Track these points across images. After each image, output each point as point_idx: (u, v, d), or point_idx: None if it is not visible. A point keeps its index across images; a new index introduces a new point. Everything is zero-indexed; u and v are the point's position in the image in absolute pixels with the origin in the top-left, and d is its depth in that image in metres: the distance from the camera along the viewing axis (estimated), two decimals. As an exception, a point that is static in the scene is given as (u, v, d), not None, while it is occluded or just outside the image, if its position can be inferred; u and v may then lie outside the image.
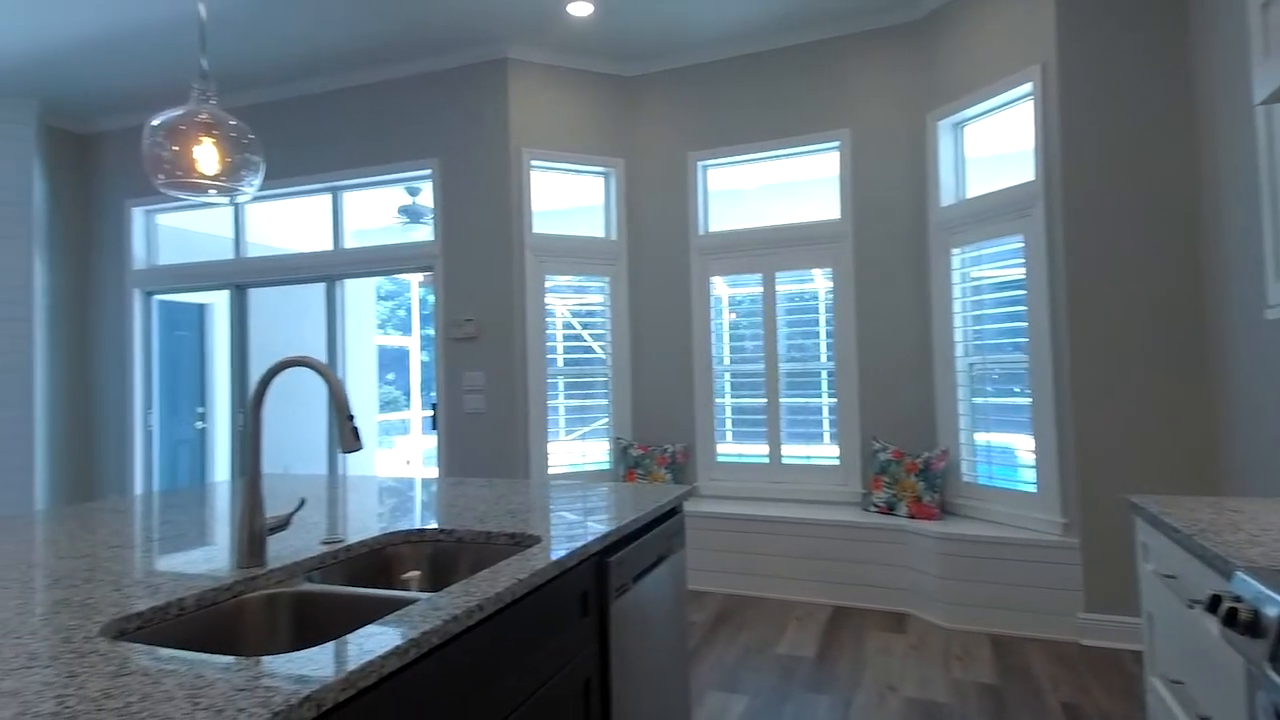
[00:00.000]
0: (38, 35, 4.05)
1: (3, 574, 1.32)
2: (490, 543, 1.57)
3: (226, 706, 0.76)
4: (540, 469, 4.19)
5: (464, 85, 4.33)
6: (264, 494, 1.32)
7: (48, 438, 5.02)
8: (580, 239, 4.40)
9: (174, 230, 5.57)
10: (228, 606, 1.21)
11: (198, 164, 2.19)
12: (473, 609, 1.09)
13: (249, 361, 5.19)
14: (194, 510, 1.94)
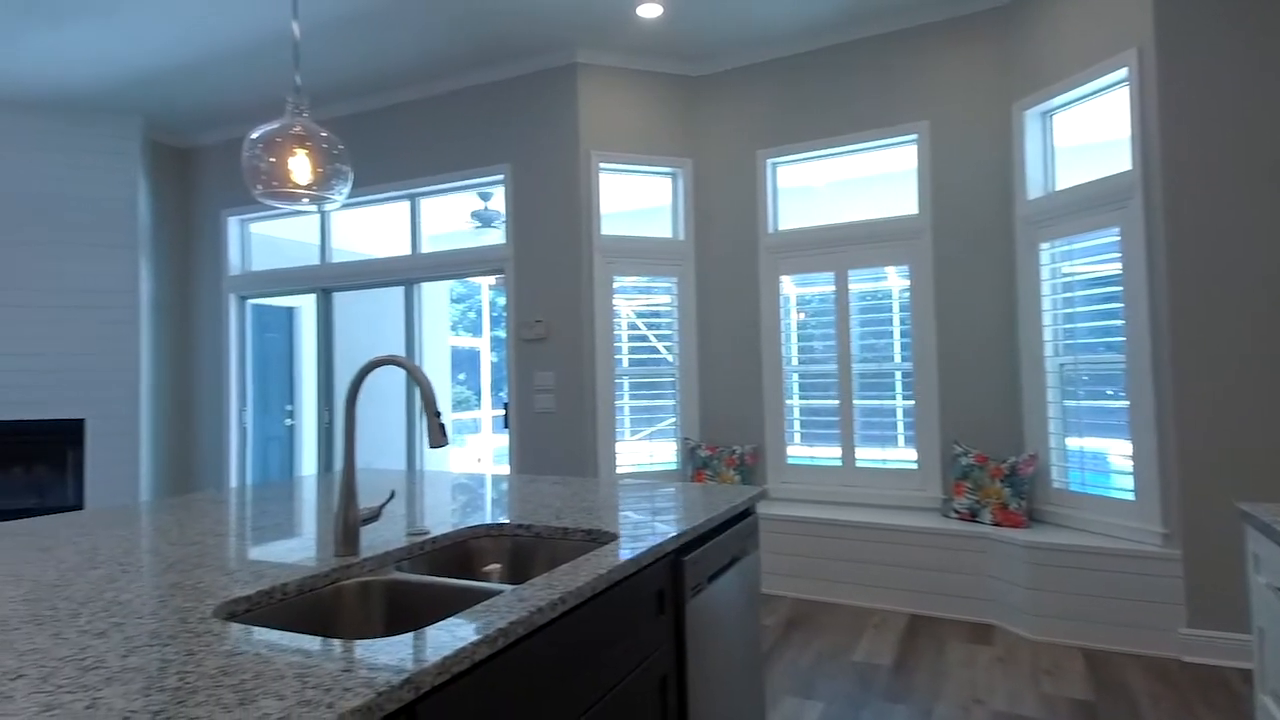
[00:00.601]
0: (143, 56, 4.36)
1: (124, 559, 1.43)
2: (567, 538, 1.59)
3: (333, 686, 0.80)
4: (609, 468, 4.22)
5: (535, 91, 4.42)
6: (357, 488, 1.38)
7: (151, 434, 5.39)
8: (648, 240, 4.41)
9: (265, 238, 5.89)
10: (326, 592, 1.27)
11: (292, 174, 2.31)
12: (555, 602, 1.11)
13: (334, 362, 5.44)
14: (288, 502, 2.04)
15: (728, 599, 1.74)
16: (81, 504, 5.09)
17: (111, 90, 4.83)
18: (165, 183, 5.66)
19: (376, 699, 0.78)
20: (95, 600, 1.14)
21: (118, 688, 0.81)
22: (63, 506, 5.10)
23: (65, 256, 5.03)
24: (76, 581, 1.25)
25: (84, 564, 1.37)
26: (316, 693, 0.79)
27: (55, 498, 5.10)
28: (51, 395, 4.98)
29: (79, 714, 0.75)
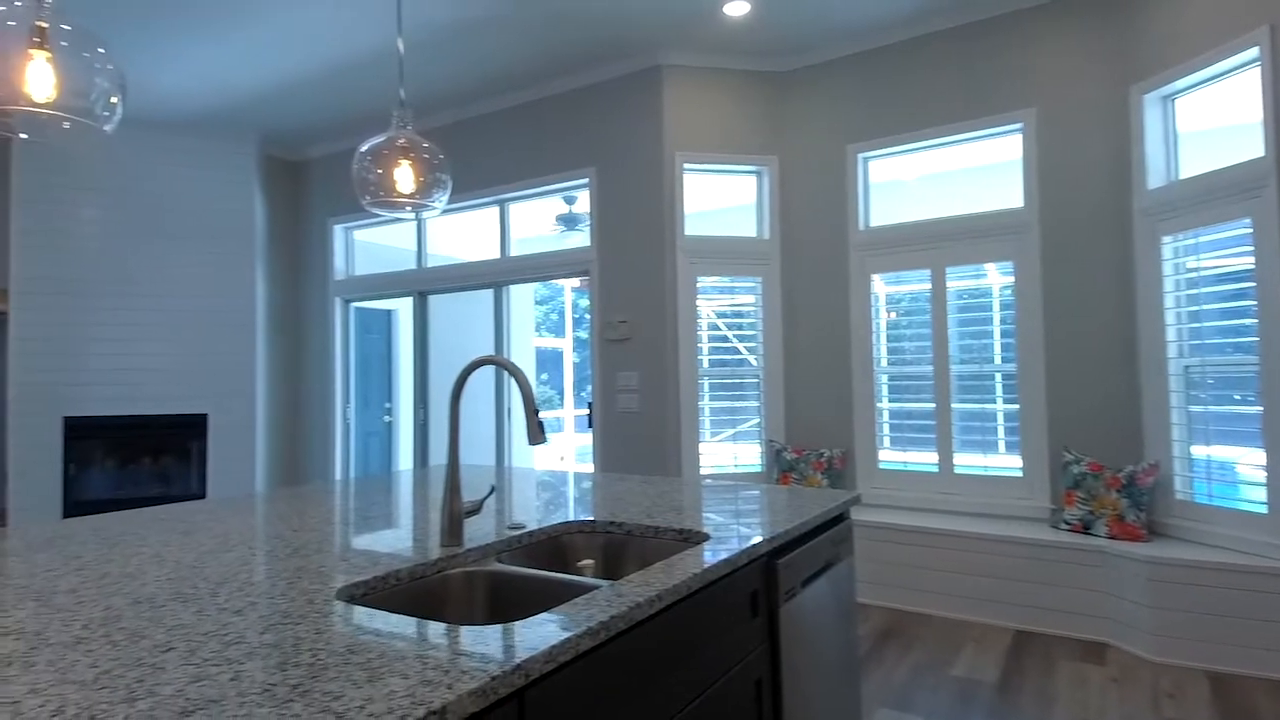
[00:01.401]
0: (259, 77, 4.70)
1: (252, 543, 1.54)
2: (658, 537, 1.60)
3: (451, 667, 0.84)
4: (692, 468, 4.22)
5: (619, 95, 4.47)
6: (461, 482, 1.45)
7: (265, 428, 5.79)
8: (731, 239, 4.38)
9: (366, 244, 6.22)
10: (434, 580, 1.33)
11: (397, 184, 2.44)
12: (653, 598, 1.12)
13: (429, 361, 5.69)
14: (393, 495, 2.15)
15: (822, 605, 1.71)
16: (204, 493, 5.53)
17: (231, 109, 5.23)
18: (278, 194, 6.07)
19: (490, 683, 0.81)
20: (231, 580, 1.24)
21: (258, 662, 0.88)
22: (186, 495, 5.55)
23: (191, 264, 5.48)
24: (212, 563, 1.36)
25: (218, 547, 1.49)
26: (436, 674, 0.83)
27: (180, 486, 5.56)
28: (178, 392, 5.43)
29: (224, 685, 0.82)
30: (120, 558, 1.41)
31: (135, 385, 5.33)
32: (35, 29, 1.64)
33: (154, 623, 1.02)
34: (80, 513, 5.24)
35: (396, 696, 0.77)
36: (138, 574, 1.28)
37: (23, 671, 0.85)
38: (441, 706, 0.75)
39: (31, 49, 1.64)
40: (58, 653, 0.91)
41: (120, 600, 1.13)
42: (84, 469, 5.29)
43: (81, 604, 1.11)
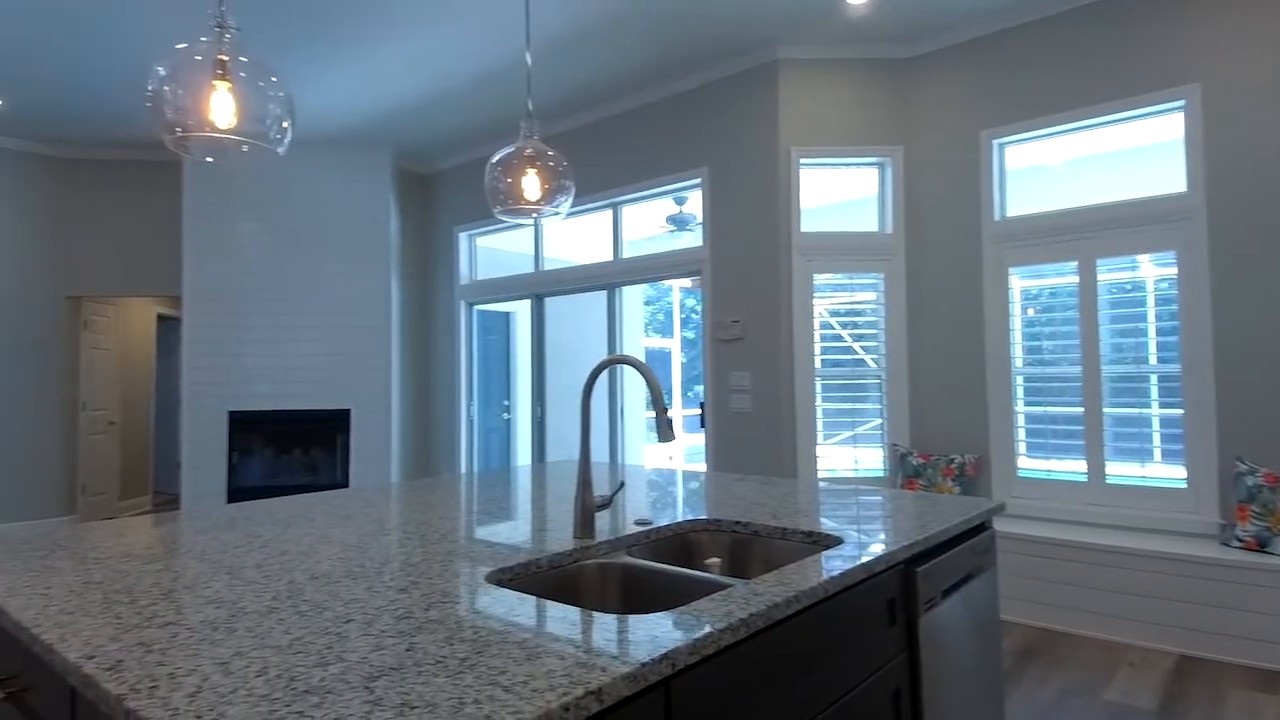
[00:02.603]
0: (395, 96, 5.04)
1: (405, 528, 1.66)
2: (786, 539, 1.59)
3: (601, 652, 0.88)
4: (808, 470, 4.13)
5: (733, 93, 4.44)
6: (592, 477, 1.50)
7: (399, 423, 6.20)
8: (851, 235, 4.24)
9: (487, 249, 6.53)
10: (571, 569, 1.38)
11: (524, 192, 2.55)
12: (790, 599, 1.11)
13: (546, 361, 5.90)
14: (522, 488, 2.25)
15: (963, 617, 1.63)
16: (347, 482, 6.00)
17: (369, 127, 5.64)
18: (410, 205, 6.49)
19: (641, 669, 0.84)
20: (392, 561, 1.35)
21: (427, 636, 0.95)
22: (332, 484, 6.04)
23: (334, 271, 5.96)
24: (373, 545, 1.48)
25: (376, 531, 1.62)
26: (588, 656, 0.87)
27: (326, 475, 6.06)
28: (324, 389, 5.92)
29: (401, 655, 0.89)
30: (294, 537, 1.56)
31: (287, 382, 5.86)
32: (218, 62, 1.84)
33: (332, 596, 1.13)
34: (241, 498, 5.83)
35: (555, 675, 0.81)
36: (311, 552, 1.42)
37: (227, 636, 0.96)
38: (598, 688, 0.79)
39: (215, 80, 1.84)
40: (254, 620, 1.02)
41: (300, 575, 1.25)
42: (245, 458, 5.88)
43: (268, 578, 1.24)
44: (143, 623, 1.01)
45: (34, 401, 5.95)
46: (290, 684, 0.80)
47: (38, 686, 1.05)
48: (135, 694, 0.78)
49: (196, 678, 0.82)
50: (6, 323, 5.84)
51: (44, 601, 1.10)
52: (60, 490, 6.09)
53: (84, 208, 6.16)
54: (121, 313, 6.92)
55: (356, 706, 0.75)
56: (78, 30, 4.06)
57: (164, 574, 1.26)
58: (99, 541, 1.54)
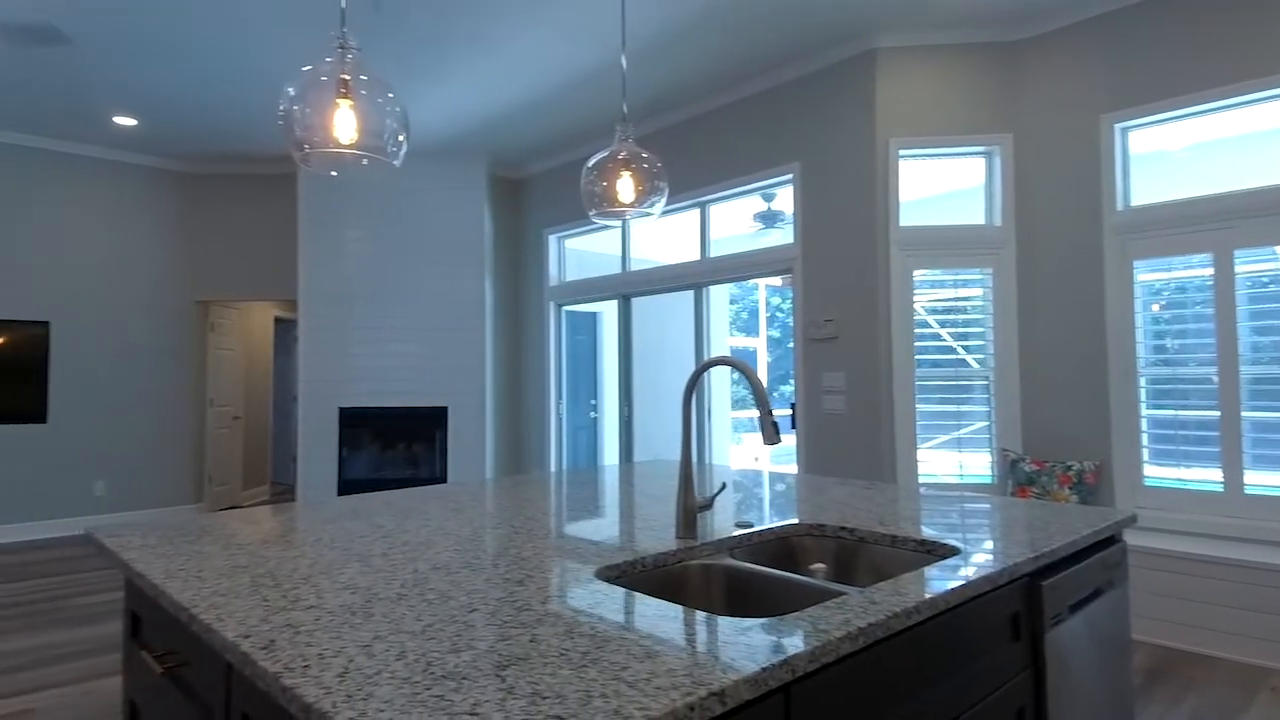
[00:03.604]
0: (490, 105, 5.22)
1: (513, 522, 1.72)
2: (896, 547, 1.54)
3: (720, 652, 0.88)
4: (909, 475, 3.98)
5: (828, 85, 4.34)
6: (695, 477, 1.51)
7: (492, 421, 6.42)
8: (955, 228, 4.06)
9: (574, 251, 6.66)
10: (675, 569, 1.40)
11: (619, 195, 2.58)
12: (910, 610, 1.08)
13: (633, 361, 5.95)
14: (617, 486, 2.29)
15: (1092, 634, 1.54)
16: (445, 477, 6.26)
17: (464, 136, 5.87)
18: (502, 209, 6.70)
19: (761, 673, 0.84)
20: (505, 554, 1.40)
21: (547, 628, 0.99)
22: (431, 478, 6.32)
23: (433, 275, 6.23)
24: (486, 538, 1.54)
25: (487, 524, 1.69)
26: (706, 657, 0.87)
27: (426, 470, 6.34)
28: (424, 387, 6.20)
29: (526, 645, 0.92)
30: (412, 529, 1.64)
31: (390, 381, 6.17)
32: (340, 81, 1.96)
33: (454, 586, 1.19)
34: (349, 489, 6.19)
35: (676, 674, 0.82)
36: (429, 543, 1.49)
37: (365, 620, 1.03)
38: (720, 689, 0.79)
39: (338, 99, 1.96)
40: (387, 606, 1.09)
41: (423, 565, 1.32)
42: (353, 452, 6.24)
43: (394, 566, 1.32)
44: (288, 605, 1.09)
45: (169, 399, 6.53)
46: (428, 668, 0.85)
47: (194, 663, 1.16)
48: (290, 672, 0.84)
49: (343, 659, 0.88)
50: (145, 326, 6.43)
51: (199, 584, 1.21)
52: (190, 480, 6.65)
53: (210, 219, 6.70)
54: (243, 316, 7.49)
55: (491, 693, 0.78)
56: (206, 54, 4.42)
57: (301, 560, 1.36)
58: (238, 529, 1.67)
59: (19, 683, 2.94)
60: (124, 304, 6.32)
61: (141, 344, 6.39)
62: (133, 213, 6.39)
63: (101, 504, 6.16)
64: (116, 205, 6.31)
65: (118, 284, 6.29)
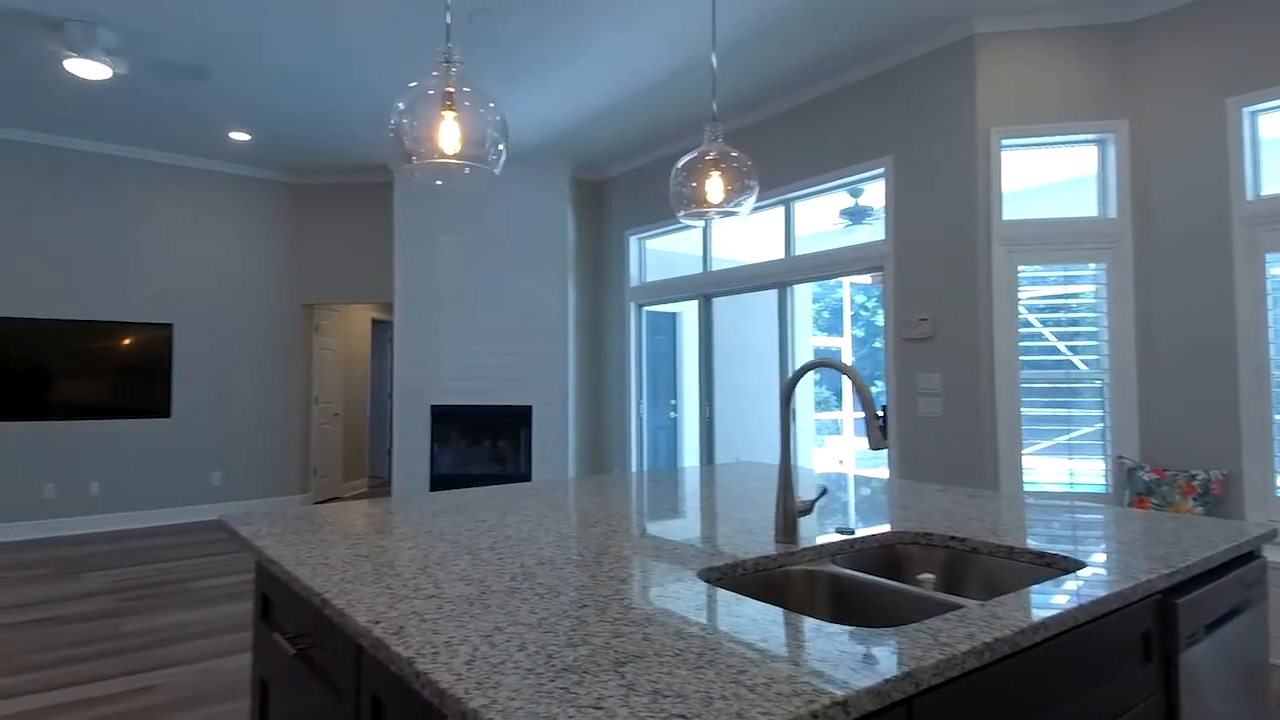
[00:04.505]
0: (573, 110, 5.31)
1: (608, 521, 1.75)
2: (1013, 558, 1.47)
3: (838, 661, 0.86)
4: (1013, 482, 3.79)
5: (922, 75, 4.19)
6: (795, 480, 1.48)
7: (574, 420, 6.52)
8: (1063, 222, 3.82)
9: (656, 251, 6.69)
10: (777, 574, 1.38)
11: (708, 195, 2.58)
12: (1036, 625, 1.03)
13: (714, 361, 5.93)
14: (706, 488, 2.28)
15: (1228, 656, 1.42)
16: (530, 474, 6.41)
17: (548, 142, 5.99)
18: (584, 212, 6.80)
19: (884, 685, 0.82)
20: (606, 552, 1.42)
21: (657, 626, 0.99)
22: (516, 475, 6.48)
23: (518, 278, 6.40)
24: (585, 535, 1.57)
25: (583, 522, 1.72)
26: (824, 665, 0.86)
27: (511, 467, 6.52)
28: (509, 386, 6.37)
29: (639, 643, 0.94)
30: (514, 524, 1.69)
31: (478, 380, 6.38)
32: (445, 94, 2.04)
33: (562, 581, 1.21)
34: (440, 484, 6.44)
35: (796, 681, 0.82)
36: (532, 539, 1.53)
37: (483, 611, 1.07)
38: (844, 699, 0.78)
39: (443, 111, 2.04)
40: (501, 599, 1.12)
41: (529, 560, 1.36)
42: (443, 447, 6.48)
43: (502, 559, 1.36)
44: (410, 594, 1.14)
45: (278, 396, 6.97)
46: (549, 660, 0.87)
47: (323, 645, 1.23)
48: (422, 658, 0.88)
49: (468, 647, 0.92)
50: (257, 328, 6.89)
51: (327, 571, 1.29)
52: (296, 472, 7.08)
53: (314, 226, 7.11)
54: (343, 318, 7.92)
55: (613, 688, 0.79)
56: (312, 76, 4.69)
57: (416, 551, 1.43)
58: (354, 520, 1.77)
59: (145, 660, 3.21)
60: (239, 307, 6.80)
61: (254, 344, 6.86)
62: (247, 221, 6.86)
63: (218, 493, 6.64)
64: (232, 215, 6.79)
65: (233, 288, 6.77)
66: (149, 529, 6.14)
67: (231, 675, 3.05)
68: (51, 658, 3.21)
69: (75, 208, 6.05)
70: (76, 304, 6.03)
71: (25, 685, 2.92)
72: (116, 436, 6.17)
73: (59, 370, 5.92)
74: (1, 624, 3.67)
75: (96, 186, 6.15)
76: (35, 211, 5.88)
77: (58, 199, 5.98)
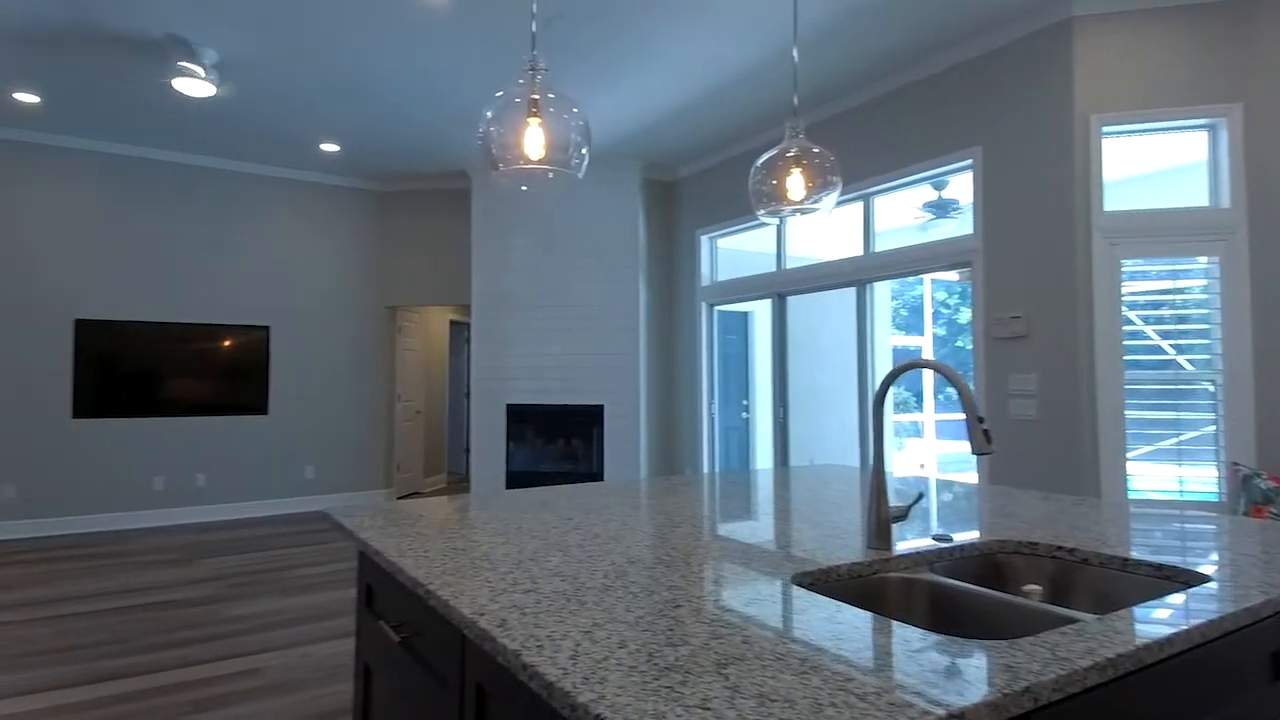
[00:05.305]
0: (646, 111, 5.33)
1: (691, 521, 1.74)
2: (1127, 571, 1.39)
3: (950, 674, 0.83)
4: (1117, 490, 3.57)
5: (1014, 62, 4.00)
6: (888, 485, 1.44)
7: (646, 420, 6.55)
8: (1169, 212, 3.58)
9: (726, 250, 6.64)
10: (873, 580, 1.35)
11: (788, 193, 2.54)
12: (1162, 641, 0.97)
13: (787, 361, 5.83)
14: (786, 490, 2.24)
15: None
16: (602, 473, 6.48)
17: (620, 143, 6.04)
18: (654, 212, 6.83)
19: (1003, 699, 0.79)
20: (694, 553, 1.42)
21: (756, 630, 0.98)
22: (588, 473, 6.57)
23: (590, 278, 6.48)
24: (670, 535, 1.58)
25: (668, 522, 1.72)
26: (935, 676, 0.83)
27: (584, 465, 6.60)
28: (582, 386, 6.46)
29: (739, 645, 0.93)
30: (600, 522, 1.71)
31: (551, 379, 6.50)
32: (530, 101, 2.09)
33: (654, 580, 1.22)
34: (515, 482, 6.59)
35: (907, 691, 0.79)
36: (619, 537, 1.55)
37: (579, 607, 1.08)
38: (960, 711, 0.75)
39: (529, 118, 2.09)
40: (596, 596, 1.14)
41: (619, 559, 1.37)
42: (518, 445, 6.63)
43: (593, 557, 1.38)
44: (508, 588, 1.17)
45: (365, 394, 7.30)
46: (650, 658, 0.88)
47: (427, 634, 1.28)
48: (527, 650, 0.90)
49: (570, 642, 0.93)
50: (346, 329, 7.22)
51: (428, 563, 1.33)
52: (381, 467, 7.39)
53: (397, 231, 7.40)
54: (423, 319, 8.21)
55: (718, 690, 0.79)
56: (395, 90, 4.88)
57: (509, 546, 1.46)
58: (447, 515, 1.83)
59: (248, 644, 3.41)
60: (329, 309, 7.15)
61: (342, 345, 7.20)
62: (335, 228, 7.21)
63: (310, 486, 7.01)
64: (322, 222, 7.15)
65: (323, 292, 7.13)
66: (248, 519, 6.54)
67: (328, 660, 3.21)
68: (167, 639, 3.46)
69: (179, 218, 6.50)
70: (182, 308, 6.48)
71: (144, 665, 3.16)
72: (220, 432, 6.59)
73: (167, 370, 6.38)
74: (124, 606, 3.98)
75: (198, 197, 6.59)
76: (143, 222, 6.36)
77: (162, 210, 6.44)
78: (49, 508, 5.89)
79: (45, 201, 5.95)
